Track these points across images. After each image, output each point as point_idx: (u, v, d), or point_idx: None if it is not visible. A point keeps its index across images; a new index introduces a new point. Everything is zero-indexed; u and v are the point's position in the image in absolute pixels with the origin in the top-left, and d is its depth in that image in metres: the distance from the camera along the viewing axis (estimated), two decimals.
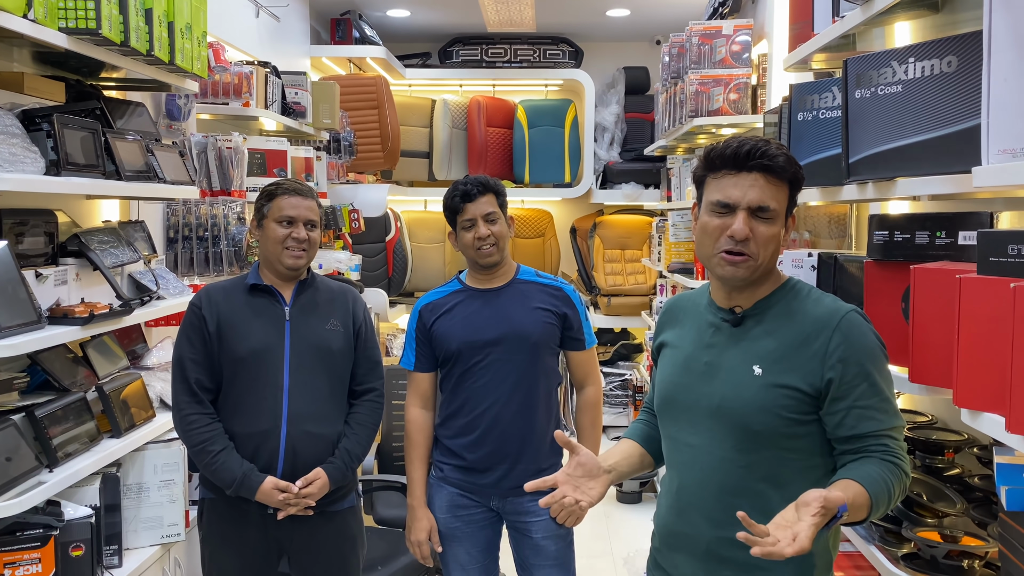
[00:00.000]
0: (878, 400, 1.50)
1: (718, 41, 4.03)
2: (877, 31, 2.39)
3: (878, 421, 1.49)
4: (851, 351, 1.50)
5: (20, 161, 1.97)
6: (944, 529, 1.75)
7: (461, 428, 2.41)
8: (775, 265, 1.62)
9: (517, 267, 2.50)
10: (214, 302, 2.31)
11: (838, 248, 2.80)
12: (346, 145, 5.05)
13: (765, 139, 1.55)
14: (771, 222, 1.53)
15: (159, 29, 2.42)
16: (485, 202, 2.38)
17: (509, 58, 6.59)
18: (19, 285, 2.01)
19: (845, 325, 1.52)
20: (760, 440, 1.52)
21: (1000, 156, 1.29)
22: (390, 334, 5.78)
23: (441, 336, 2.41)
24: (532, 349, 2.39)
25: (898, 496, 1.46)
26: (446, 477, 2.44)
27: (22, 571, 1.99)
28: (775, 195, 1.52)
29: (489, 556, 2.48)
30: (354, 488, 2.45)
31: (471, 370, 2.39)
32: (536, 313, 2.41)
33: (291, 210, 2.31)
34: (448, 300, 2.45)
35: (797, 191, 1.57)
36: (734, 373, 1.56)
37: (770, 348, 1.55)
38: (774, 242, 1.54)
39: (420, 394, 2.48)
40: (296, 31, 5.19)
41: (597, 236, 6.42)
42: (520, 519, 2.43)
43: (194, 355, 2.28)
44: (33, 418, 2.08)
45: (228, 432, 2.26)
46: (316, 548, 2.33)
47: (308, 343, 2.31)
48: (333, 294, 2.43)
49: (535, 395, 2.40)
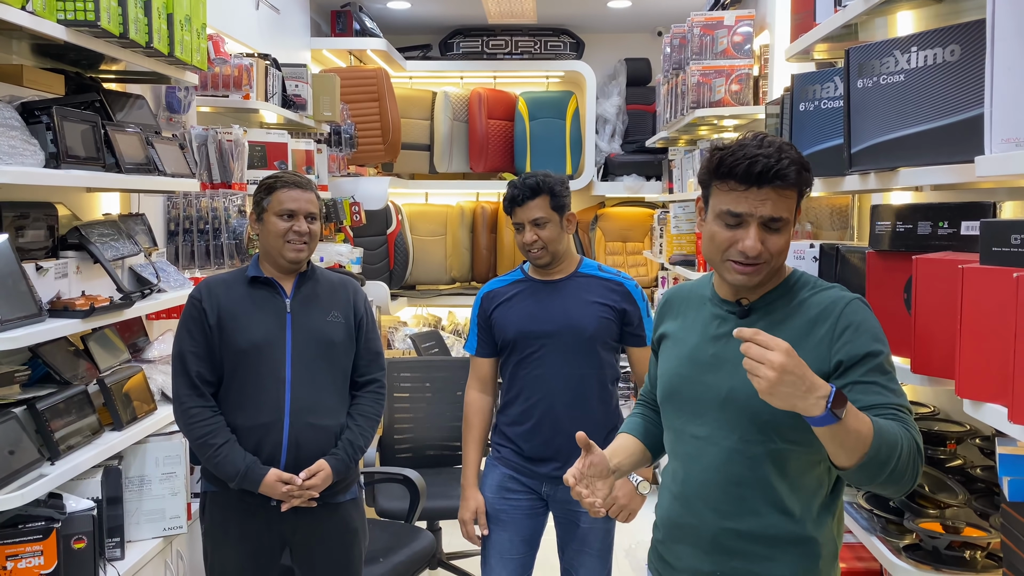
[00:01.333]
0: (884, 379, 1.47)
1: (720, 32, 4.02)
2: (879, 20, 2.37)
3: (885, 396, 1.46)
4: (857, 334, 1.49)
5: (19, 154, 1.97)
6: (946, 520, 1.75)
7: (517, 416, 2.46)
8: (783, 262, 1.61)
9: (580, 259, 2.52)
10: (214, 295, 2.31)
11: (840, 239, 2.80)
12: (347, 138, 5.04)
13: (774, 144, 1.49)
14: (781, 232, 1.51)
15: (158, 21, 2.41)
16: (534, 207, 2.40)
17: (510, 50, 6.57)
18: (19, 278, 2.01)
19: (850, 311, 1.52)
20: (767, 431, 1.52)
21: (1003, 145, 1.28)
22: (391, 327, 5.78)
23: (499, 324, 2.47)
24: (587, 343, 2.41)
25: (907, 465, 1.38)
26: (502, 458, 2.49)
27: (24, 564, 1.99)
28: (786, 205, 1.50)
29: (529, 549, 2.50)
30: (356, 480, 2.46)
31: (526, 360, 2.43)
32: (593, 307, 2.42)
33: (291, 203, 2.30)
34: (509, 289, 2.50)
35: (806, 190, 1.55)
36: (741, 364, 1.54)
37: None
38: (785, 247, 1.54)
39: (480, 378, 2.55)
40: (296, 23, 5.18)
41: (598, 228, 6.41)
42: (569, 507, 2.46)
43: (195, 348, 2.28)
44: (34, 411, 2.08)
45: (230, 425, 2.26)
46: (319, 540, 2.34)
47: (309, 335, 2.31)
48: (334, 286, 2.42)
49: (589, 389, 2.42)
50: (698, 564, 1.61)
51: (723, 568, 1.58)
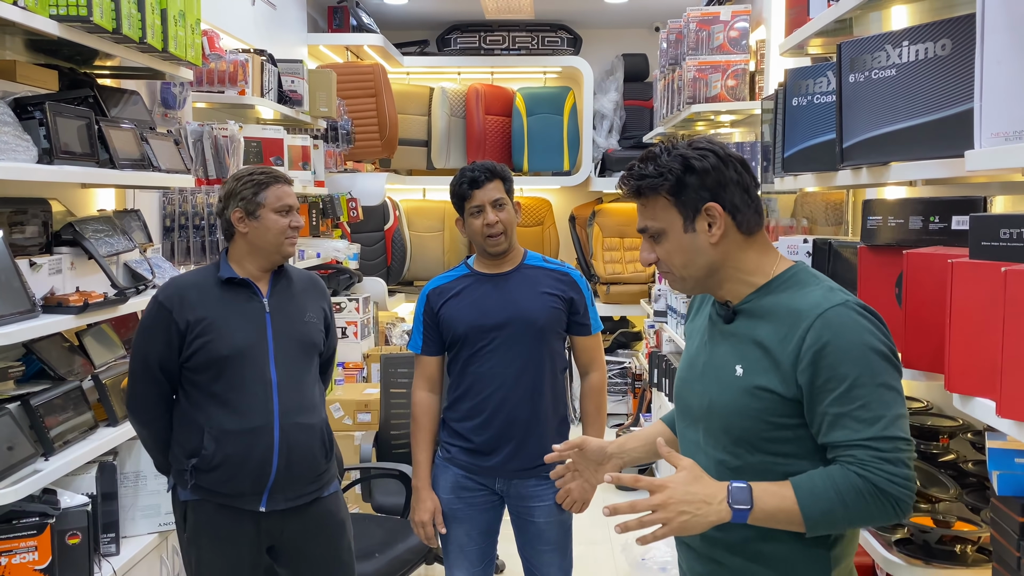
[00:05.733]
0: (854, 408, 1.34)
1: (716, 27, 4.01)
2: (874, 15, 2.37)
3: (850, 430, 1.34)
4: (823, 354, 1.36)
5: (12, 150, 1.97)
6: (937, 514, 1.75)
7: (468, 411, 2.43)
8: (754, 256, 1.49)
9: (524, 252, 2.51)
10: (187, 303, 2.21)
11: (835, 235, 2.80)
12: (343, 133, 5.04)
13: (649, 156, 1.49)
14: (659, 240, 1.49)
15: (152, 16, 2.41)
16: (492, 188, 2.40)
17: (507, 45, 6.57)
18: (12, 274, 2.01)
19: (821, 324, 1.37)
20: (745, 444, 1.45)
21: (993, 140, 1.28)
22: (389, 323, 5.78)
23: (448, 320, 2.43)
24: (538, 333, 2.41)
25: (865, 511, 1.33)
26: (452, 458, 2.47)
27: (19, 559, 1.99)
28: (651, 215, 1.48)
29: (487, 540, 2.50)
30: (336, 474, 2.47)
31: (477, 354, 2.41)
32: (543, 298, 2.43)
33: (288, 198, 2.29)
34: (456, 284, 2.47)
35: (689, 192, 1.45)
36: (721, 372, 1.49)
37: (752, 346, 1.45)
38: (678, 253, 1.47)
39: (427, 377, 2.51)
40: (293, 19, 5.17)
41: (596, 224, 6.41)
42: (523, 503, 2.46)
43: (161, 356, 2.20)
44: (29, 407, 2.08)
45: (216, 429, 2.20)
46: (307, 537, 2.33)
47: (289, 336, 2.30)
48: (304, 284, 2.42)
49: (541, 379, 2.42)
50: (691, 566, 1.61)
51: (714, 574, 1.55)
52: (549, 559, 2.48)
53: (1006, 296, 1.23)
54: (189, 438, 2.22)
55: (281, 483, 2.24)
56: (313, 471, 2.30)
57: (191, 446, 2.21)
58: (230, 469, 2.20)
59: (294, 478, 2.26)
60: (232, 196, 2.26)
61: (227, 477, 2.20)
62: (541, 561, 2.48)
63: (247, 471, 2.20)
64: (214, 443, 2.19)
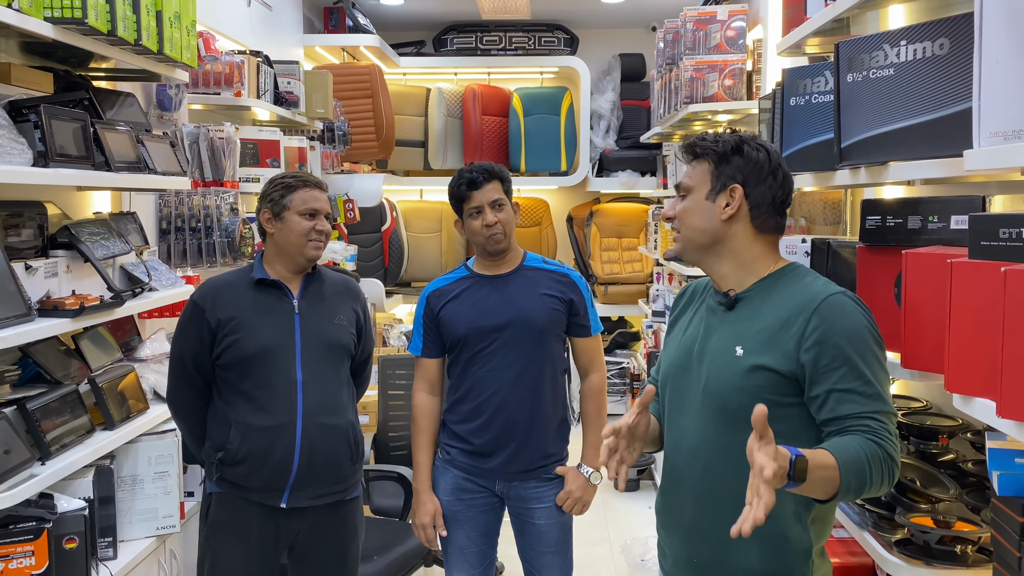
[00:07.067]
0: (860, 384, 1.47)
1: (713, 27, 4.01)
2: (871, 15, 2.37)
3: (859, 404, 1.46)
4: (829, 334, 1.49)
5: (7, 153, 1.96)
6: (937, 515, 1.75)
7: (468, 413, 2.43)
8: (758, 250, 1.62)
9: (524, 254, 2.51)
10: (219, 302, 2.29)
11: (833, 234, 2.79)
12: (340, 135, 5.03)
13: None
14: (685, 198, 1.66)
15: (147, 18, 2.40)
16: (491, 189, 2.40)
17: (504, 46, 6.56)
18: (8, 278, 2.00)
19: (825, 308, 1.51)
20: (737, 421, 1.52)
21: (991, 139, 1.28)
22: (386, 324, 5.77)
23: (448, 322, 2.43)
24: (538, 335, 2.41)
25: (880, 478, 1.41)
26: (452, 460, 2.46)
27: (15, 564, 1.98)
28: (693, 174, 1.65)
29: (487, 542, 2.50)
30: (362, 479, 2.48)
31: (478, 355, 2.41)
32: (543, 299, 2.43)
33: (315, 203, 2.32)
34: (456, 286, 2.47)
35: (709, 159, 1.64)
36: (720, 354, 1.59)
37: (754, 329, 1.57)
38: (687, 212, 1.64)
39: (427, 379, 2.51)
40: (289, 20, 5.16)
41: (594, 224, 6.40)
42: (523, 505, 2.45)
43: (194, 351, 2.29)
44: (25, 411, 2.07)
45: (242, 424, 2.25)
46: (319, 538, 2.35)
47: (317, 337, 2.32)
48: (337, 287, 2.44)
49: (541, 380, 2.42)
50: (678, 551, 1.66)
51: (697, 555, 1.62)
52: (549, 561, 2.47)
53: (1006, 296, 1.23)
54: (219, 432, 2.29)
55: (303, 481, 2.26)
56: (337, 472, 2.32)
57: (220, 440, 2.28)
58: (253, 464, 2.24)
59: (316, 477, 2.28)
60: (263, 198, 2.35)
61: (250, 471, 2.25)
62: (541, 563, 2.48)
63: (269, 466, 2.24)
64: (239, 438, 2.25)
